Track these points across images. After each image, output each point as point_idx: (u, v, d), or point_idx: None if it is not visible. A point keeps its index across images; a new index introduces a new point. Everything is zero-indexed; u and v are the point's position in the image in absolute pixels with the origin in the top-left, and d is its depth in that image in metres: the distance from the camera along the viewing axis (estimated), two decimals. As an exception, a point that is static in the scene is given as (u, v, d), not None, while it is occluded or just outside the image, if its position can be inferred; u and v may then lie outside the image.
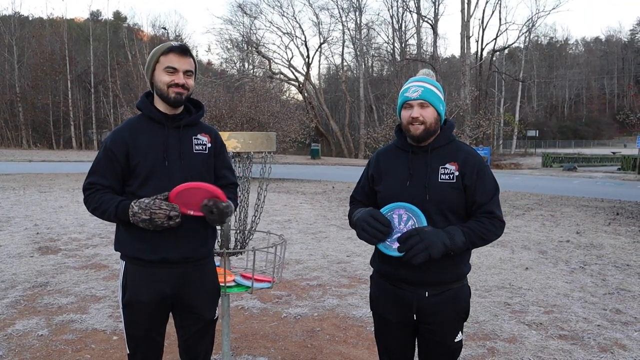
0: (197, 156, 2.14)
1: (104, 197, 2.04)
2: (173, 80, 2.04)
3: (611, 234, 8.62)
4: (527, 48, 56.66)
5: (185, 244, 2.10)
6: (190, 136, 2.15)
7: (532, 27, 46.82)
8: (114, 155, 2.05)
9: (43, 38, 48.91)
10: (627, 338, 3.98)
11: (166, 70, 2.05)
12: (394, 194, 2.08)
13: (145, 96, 2.16)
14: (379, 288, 2.19)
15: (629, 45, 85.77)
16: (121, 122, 2.48)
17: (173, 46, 2.07)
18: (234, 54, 53.14)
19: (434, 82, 2.10)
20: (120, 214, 2.00)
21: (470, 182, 2.02)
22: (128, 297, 2.10)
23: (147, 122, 2.11)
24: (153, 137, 2.08)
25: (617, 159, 35.14)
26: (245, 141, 2.50)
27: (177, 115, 2.13)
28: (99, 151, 2.11)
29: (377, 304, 2.21)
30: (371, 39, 53.70)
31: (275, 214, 10.22)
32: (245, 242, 3.05)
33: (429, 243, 1.87)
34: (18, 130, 46.81)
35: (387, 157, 2.19)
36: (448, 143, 2.10)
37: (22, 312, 4.32)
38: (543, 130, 65.66)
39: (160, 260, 2.07)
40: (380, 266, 2.17)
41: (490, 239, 2.02)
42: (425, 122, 2.02)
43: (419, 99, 2.02)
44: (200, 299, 2.20)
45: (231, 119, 16.69)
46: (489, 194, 2.04)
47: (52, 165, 24.47)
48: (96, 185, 2.06)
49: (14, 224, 8.42)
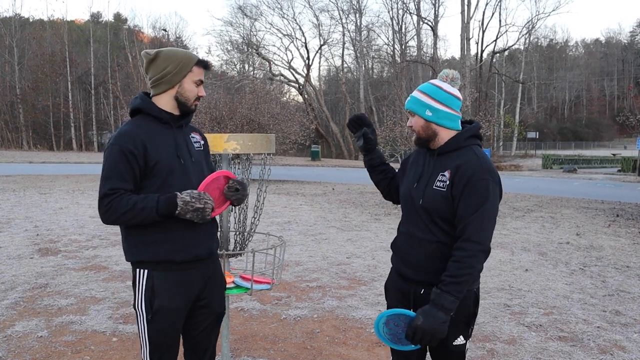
0: (199, 153, 2.21)
1: (132, 198, 1.94)
2: (198, 93, 2.13)
3: (611, 236, 8.62)
4: (527, 50, 56.70)
5: (209, 239, 2.14)
6: (188, 135, 2.20)
7: (532, 29, 46.99)
8: (134, 157, 1.96)
9: (43, 40, 49.02)
10: (627, 340, 3.98)
11: (196, 82, 2.11)
12: (404, 193, 2.18)
13: (146, 96, 2.14)
14: (391, 279, 2.28)
15: (628, 46, 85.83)
16: (122, 123, 2.47)
17: (203, 59, 2.14)
18: (234, 55, 53.29)
19: (427, 87, 2.08)
20: (162, 208, 1.92)
21: (457, 192, 1.96)
22: (158, 305, 2.01)
23: (153, 123, 2.09)
24: (164, 136, 2.08)
25: (617, 161, 35.16)
26: (244, 143, 2.50)
27: (179, 116, 2.15)
28: (111, 154, 1.97)
29: (387, 294, 2.29)
30: (371, 41, 53.81)
31: (275, 216, 10.22)
32: (245, 243, 3.05)
33: (431, 332, 1.86)
34: (18, 131, 46.84)
35: (414, 158, 2.25)
36: (457, 149, 2.04)
37: (21, 313, 4.32)
38: (543, 131, 65.73)
39: (193, 259, 2.06)
40: (392, 259, 2.26)
41: (474, 272, 1.92)
42: (415, 130, 2.10)
43: (407, 109, 2.12)
44: (216, 293, 2.23)
45: (231, 121, 16.70)
46: (471, 209, 1.91)
47: (53, 167, 24.48)
48: (119, 190, 1.94)
49: (14, 226, 8.42)
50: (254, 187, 3.02)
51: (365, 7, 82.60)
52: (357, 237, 8.00)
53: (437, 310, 1.87)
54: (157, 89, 2.10)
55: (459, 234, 1.94)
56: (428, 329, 1.86)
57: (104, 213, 1.94)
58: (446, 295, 1.88)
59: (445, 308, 1.87)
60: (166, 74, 2.07)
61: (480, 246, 1.91)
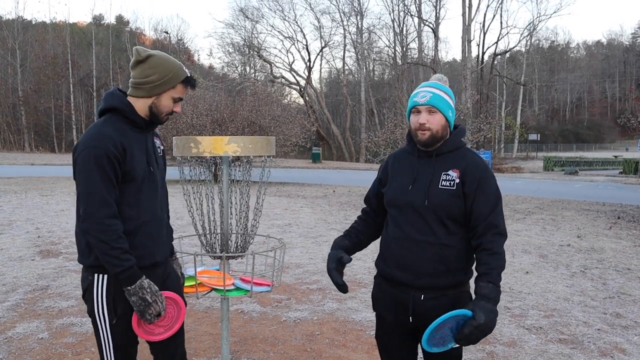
0: (161, 159, 2.23)
1: (122, 239, 1.90)
2: (175, 109, 2.11)
3: (612, 238, 8.61)
4: (529, 52, 56.70)
5: (164, 245, 2.19)
6: (153, 140, 2.19)
7: (533, 31, 47.02)
8: (116, 159, 1.90)
9: (46, 42, 49.12)
10: (627, 342, 3.98)
11: (175, 99, 2.08)
12: (397, 197, 2.10)
13: (122, 94, 2.07)
14: (380, 288, 2.21)
15: (630, 48, 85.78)
16: None
17: (190, 78, 2.09)
18: (236, 58, 53.44)
19: (445, 88, 2.09)
20: (125, 277, 1.89)
21: (471, 190, 2.00)
22: (122, 310, 1.99)
23: (126, 125, 2.02)
24: (138, 142, 2.05)
25: (619, 163, 35.12)
26: (245, 145, 2.50)
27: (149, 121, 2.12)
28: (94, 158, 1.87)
29: (378, 304, 2.23)
30: (372, 43, 53.90)
31: (275, 218, 10.23)
32: (245, 245, 3.06)
33: (491, 328, 1.84)
34: (20, 133, 46.91)
35: (397, 161, 2.21)
36: (455, 149, 2.08)
37: (22, 315, 4.33)
38: (544, 133, 65.74)
39: (150, 264, 2.07)
40: (381, 267, 2.19)
41: (504, 262, 1.98)
42: (431, 128, 2.02)
43: (427, 104, 2.02)
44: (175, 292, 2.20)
45: (232, 123, 16.72)
46: (490, 204, 2.00)
47: (54, 169, 24.51)
48: (114, 202, 1.90)
49: (16, 227, 8.44)
50: (254, 190, 3.02)
51: (366, 9, 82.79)
52: (358, 239, 7.99)
53: (493, 305, 1.87)
54: (134, 92, 2.04)
55: (481, 228, 1.98)
56: (491, 325, 1.84)
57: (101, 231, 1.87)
58: (496, 287, 1.91)
59: (496, 301, 1.89)
60: (147, 83, 2.01)
61: (504, 236, 2.01)
